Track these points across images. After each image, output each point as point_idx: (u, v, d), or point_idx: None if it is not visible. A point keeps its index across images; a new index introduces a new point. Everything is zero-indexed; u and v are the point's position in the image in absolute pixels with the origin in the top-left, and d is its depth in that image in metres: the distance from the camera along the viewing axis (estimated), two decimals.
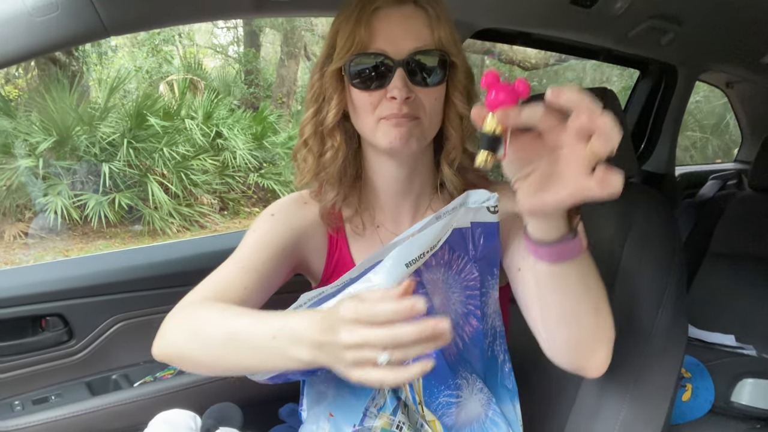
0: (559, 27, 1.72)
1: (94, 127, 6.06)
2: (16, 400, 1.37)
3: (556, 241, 0.67)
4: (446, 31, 0.86)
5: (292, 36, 9.35)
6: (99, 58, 8.19)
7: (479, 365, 0.94)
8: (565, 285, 0.72)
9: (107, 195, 5.86)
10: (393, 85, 0.83)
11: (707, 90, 6.92)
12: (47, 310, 1.38)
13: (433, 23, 0.85)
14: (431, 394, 0.90)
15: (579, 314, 0.75)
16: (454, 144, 0.93)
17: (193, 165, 6.52)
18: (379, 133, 0.87)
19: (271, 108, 8.26)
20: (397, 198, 0.98)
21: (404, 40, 0.83)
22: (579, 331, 0.77)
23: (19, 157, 5.65)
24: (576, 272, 0.71)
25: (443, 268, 0.86)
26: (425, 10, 0.85)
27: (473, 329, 0.91)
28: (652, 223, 1.14)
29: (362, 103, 0.87)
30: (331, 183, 0.95)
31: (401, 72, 0.83)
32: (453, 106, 0.91)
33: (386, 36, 0.84)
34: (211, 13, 1.22)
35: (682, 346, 1.05)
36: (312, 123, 0.92)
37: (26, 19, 0.92)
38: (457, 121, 0.91)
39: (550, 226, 0.67)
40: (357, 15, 0.83)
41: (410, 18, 0.85)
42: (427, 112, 0.87)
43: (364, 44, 0.84)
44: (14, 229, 5.71)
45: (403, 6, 0.85)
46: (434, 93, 0.87)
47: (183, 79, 7.67)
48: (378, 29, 0.84)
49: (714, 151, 8.81)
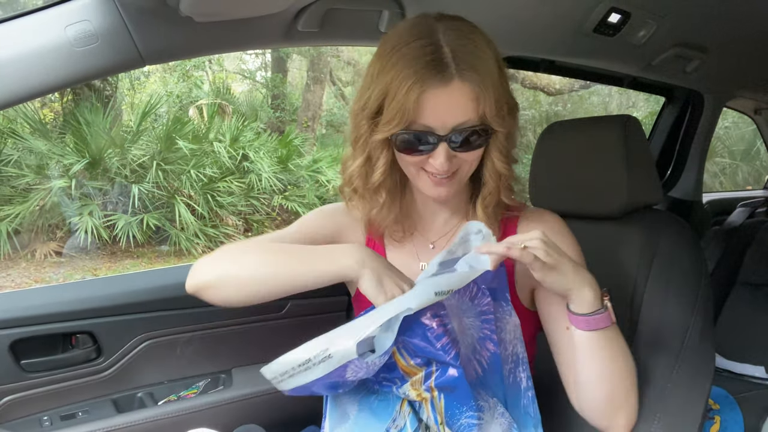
0: (582, 55, 1.73)
1: (126, 150, 6.23)
2: (45, 416, 1.40)
3: (589, 314, 0.86)
4: (491, 104, 0.87)
5: (318, 62, 9.53)
6: (132, 84, 8.45)
7: (500, 390, 0.93)
8: (595, 350, 0.88)
9: (136, 215, 5.99)
10: (436, 155, 0.88)
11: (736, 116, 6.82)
12: (77, 327, 1.42)
13: (480, 97, 0.86)
14: (453, 415, 0.90)
15: (604, 378, 0.89)
16: (490, 190, 0.98)
17: (219, 187, 6.64)
18: (421, 182, 0.95)
19: (296, 132, 8.39)
20: (434, 210, 1.06)
21: (449, 116, 0.87)
22: (602, 393, 0.90)
23: (52, 177, 5.83)
24: (605, 340, 0.88)
25: (458, 293, 0.88)
26: (471, 86, 0.86)
27: (490, 354, 0.91)
28: (678, 251, 1.13)
29: (406, 162, 0.94)
30: (372, 194, 1.01)
31: (444, 146, 0.88)
32: (492, 163, 0.95)
33: (433, 113, 0.86)
34: (242, 44, 1.26)
35: (709, 376, 1.03)
36: (361, 175, 0.98)
37: (68, 50, 0.97)
38: (495, 175, 0.96)
39: (584, 301, 0.86)
40: (407, 90, 0.84)
41: (456, 95, 0.86)
42: (466, 167, 0.93)
43: (412, 119, 0.86)
44: (45, 248, 5.86)
45: (449, 85, 0.85)
46: (474, 154, 0.92)
47: (212, 103, 7.86)
48: (425, 107, 0.86)
49: (744, 177, 8.65)
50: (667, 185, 2.39)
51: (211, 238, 6.44)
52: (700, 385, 1.02)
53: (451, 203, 1.05)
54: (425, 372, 0.87)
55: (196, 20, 1.04)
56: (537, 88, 8.82)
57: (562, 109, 10.36)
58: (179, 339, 1.52)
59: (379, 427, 0.90)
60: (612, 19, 1.44)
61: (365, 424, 0.91)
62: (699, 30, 1.61)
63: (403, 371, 0.89)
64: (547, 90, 9.18)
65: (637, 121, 1.23)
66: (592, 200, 1.24)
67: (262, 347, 1.57)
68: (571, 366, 0.93)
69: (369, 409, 0.92)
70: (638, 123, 1.23)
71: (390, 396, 0.94)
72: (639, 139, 1.21)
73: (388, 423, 0.90)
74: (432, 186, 0.93)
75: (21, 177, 5.74)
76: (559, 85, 9.07)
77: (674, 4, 1.43)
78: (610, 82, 2.11)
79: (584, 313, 0.86)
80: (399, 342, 0.84)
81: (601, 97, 10.34)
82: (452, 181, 0.93)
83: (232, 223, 6.82)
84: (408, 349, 0.86)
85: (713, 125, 2.36)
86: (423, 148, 0.89)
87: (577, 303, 0.86)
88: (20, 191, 5.77)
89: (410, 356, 0.87)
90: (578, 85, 9.22)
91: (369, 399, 0.95)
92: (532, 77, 8.45)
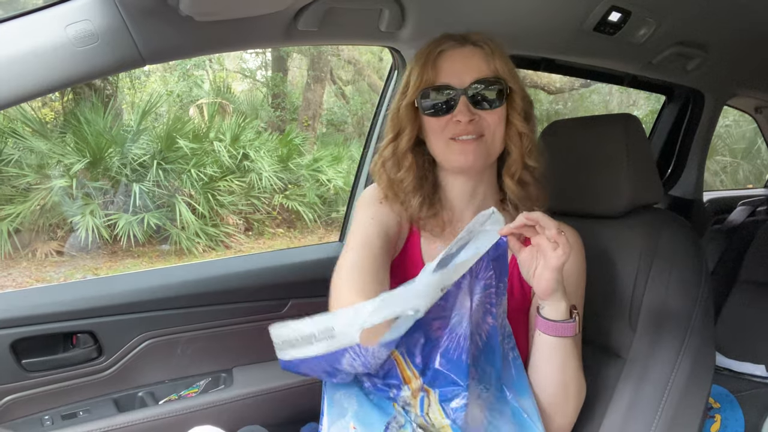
0: (582, 53, 1.73)
1: (126, 149, 6.23)
2: (46, 415, 1.41)
3: (560, 321, 0.93)
4: (502, 63, 1.01)
5: (318, 61, 9.52)
6: (132, 83, 8.44)
7: (497, 362, 0.96)
8: (558, 353, 0.95)
9: (137, 215, 5.99)
10: (458, 110, 0.99)
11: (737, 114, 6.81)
12: (78, 327, 1.42)
13: (489, 58, 1.01)
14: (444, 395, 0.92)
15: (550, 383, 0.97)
16: (515, 158, 1.05)
17: (219, 186, 6.63)
18: (450, 154, 1.02)
19: (297, 131, 8.38)
20: (463, 204, 1.11)
21: (465, 73, 0.99)
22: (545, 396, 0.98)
23: (53, 177, 5.83)
24: (567, 347, 0.95)
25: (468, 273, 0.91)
26: (482, 47, 1.02)
27: (489, 327, 0.95)
28: (678, 250, 1.13)
29: (433, 127, 1.03)
30: (411, 193, 1.08)
31: (464, 99, 0.99)
32: (513, 126, 1.03)
33: (450, 72, 1.00)
34: (242, 43, 1.26)
35: (709, 375, 1.04)
36: (390, 147, 1.08)
37: (68, 49, 0.97)
38: (517, 138, 1.04)
39: (558, 310, 0.93)
40: (425, 57, 1.01)
41: (469, 55, 1.01)
42: (491, 131, 1.01)
43: (432, 80, 1.00)
44: (46, 248, 5.85)
45: (463, 47, 1.02)
46: (495, 114, 1.01)
47: (212, 102, 7.85)
48: (443, 67, 1.01)
49: (745, 175, 8.64)
50: (667, 184, 2.39)
51: (211, 238, 6.43)
52: (701, 383, 1.02)
53: (480, 194, 1.09)
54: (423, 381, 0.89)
55: (196, 20, 1.04)
56: (537, 86, 8.80)
57: (562, 108, 10.35)
58: (180, 338, 1.52)
59: (380, 421, 0.91)
60: (612, 17, 1.44)
61: (365, 417, 0.92)
62: (699, 28, 1.61)
63: (402, 375, 0.90)
64: (548, 89, 9.17)
65: (638, 119, 1.23)
66: (592, 199, 1.24)
67: (262, 347, 1.56)
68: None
69: (369, 402, 0.93)
70: (639, 122, 1.23)
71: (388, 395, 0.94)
72: (639, 138, 1.21)
73: (389, 419, 0.91)
74: (460, 153, 1.00)
75: (22, 176, 5.74)
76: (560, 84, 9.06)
77: (674, 3, 1.43)
78: (611, 80, 2.11)
79: (555, 319, 0.93)
80: (402, 343, 0.85)
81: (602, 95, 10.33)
82: (479, 146, 1.00)
83: (232, 222, 6.81)
84: (410, 351, 0.87)
85: (714, 123, 2.35)
86: (445, 105, 0.99)
87: (553, 309, 0.93)
88: (21, 191, 5.76)
89: (411, 358, 0.88)
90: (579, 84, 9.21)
91: (367, 396, 0.95)
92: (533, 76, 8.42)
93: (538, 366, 0.98)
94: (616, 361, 1.11)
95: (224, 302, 1.55)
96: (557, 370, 0.96)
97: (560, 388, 0.97)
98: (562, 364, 0.96)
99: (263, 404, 1.52)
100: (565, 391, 0.98)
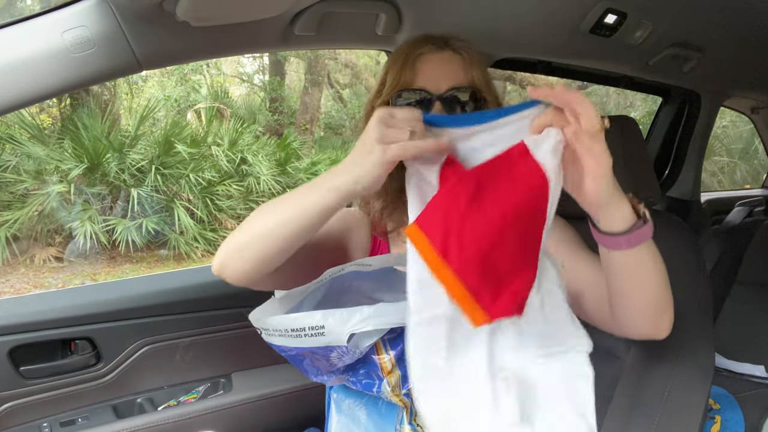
0: (578, 56, 1.73)
1: (124, 154, 6.22)
2: (45, 422, 1.40)
3: (630, 230, 0.75)
4: (479, 73, 0.99)
5: (315, 65, 9.55)
6: (129, 88, 8.44)
7: None
8: (642, 263, 0.79)
9: (135, 220, 5.99)
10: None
11: (734, 115, 6.83)
12: (77, 333, 1.42)
13: (467, 66, 0.99)
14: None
15: (651, 285, 0.82)
16: None
17: (218, 190, 6.64)
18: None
19: (294, 134, 8.40)
20: None
21: (442, 79, 0.97)
22: (652, 299, 0.84)
23: (51, 183, 5.82)
24: (647, 251, 0.78)
25: None
26: (461, 54, 0.99)
27: None
28: (676, 251, 1.13)
29: None
30: (374, 196, 1.05)
31: (438, 105, 0.96)
32: None
33: (427, 76, 0.97)
34: (239, 48, 1.26)
35: (708, 376, 1.03)
36: None
37: (65, 55, 0.97)
38: None
39: (622, 217, 0.74)
40: (404, 58, 0.98)
41: (448, 61, 0.99)
42: None
43: (409, 82, 0.97)
44: (44, 254, 5.85)
45: (442, 51, 0.99)
46: None
47: (210, 107, 7.87)
48: (420, 70, 0.98)
49: (742, 176, 8.65)
50: (665, 185, 2.39)
51: (210, 242, 6.43)
52: (700, 384, 1.02)
53: None
54: (401, 374, 0.87)
55: (192, 25, 1.04)
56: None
57: None
58: (179, 344, 1.52)
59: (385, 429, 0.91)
60: (608, 19, 1.44)
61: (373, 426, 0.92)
62: (695, 30, 1.61)
63: (380, 364, 0.87)
64: None
65: (635, 122, 1.23)
66: None
67: (261, 352, 1.55)
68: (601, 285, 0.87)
69: (377, 413, 0.93)
70: (635, 124, 1.23)
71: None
72: (636, 140, 1.21)
73: (395, 423, 0.91)
74: None
75: (19, 182, 5.73)
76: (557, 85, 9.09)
77: (670, 5, 1.43)
78: (607, 82, 2.11)
79: (623, 230, 0.75)
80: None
81: (599, 97, 10.35)
82: None
83: (231, 227, 6.81)
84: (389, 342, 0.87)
85: (711, 124, 2.36)
86: (418, 107, 0.93)
87: (615, 219, 0.75)
88: (19, 197, 5.76)
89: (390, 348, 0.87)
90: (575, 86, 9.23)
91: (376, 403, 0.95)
92: (529, 78, 8.45)
93: (627, 281, 0.82)
94: (615, 363, 1.11)
95: (222, 307, 1.55)
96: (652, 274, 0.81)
97: (663, 287, 0.83)
98: (654, 261, 0.80)
99: (262, 409, 1.52)
100: (666, 286, 0.84)
